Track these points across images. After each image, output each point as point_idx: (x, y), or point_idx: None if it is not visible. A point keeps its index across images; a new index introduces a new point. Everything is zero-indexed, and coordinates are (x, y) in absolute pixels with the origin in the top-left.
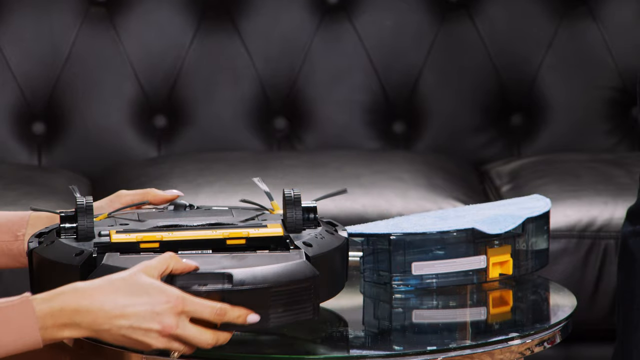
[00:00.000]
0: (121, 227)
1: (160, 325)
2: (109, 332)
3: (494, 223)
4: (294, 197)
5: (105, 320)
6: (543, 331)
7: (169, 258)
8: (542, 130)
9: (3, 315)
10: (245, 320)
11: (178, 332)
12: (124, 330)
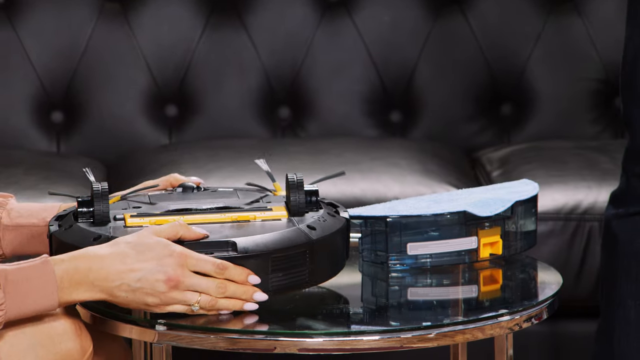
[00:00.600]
0: (134, 210)
1: (165, 275)
2: (120, 289)
3: (485, 206)
4: (297, 181)
5: (116, 277)
6: (531, 308)
7: (178, 226)
8: (530, 119)
9: (24, 273)
10: (246, 279)
11: (184, 280)
12: (134, 284)
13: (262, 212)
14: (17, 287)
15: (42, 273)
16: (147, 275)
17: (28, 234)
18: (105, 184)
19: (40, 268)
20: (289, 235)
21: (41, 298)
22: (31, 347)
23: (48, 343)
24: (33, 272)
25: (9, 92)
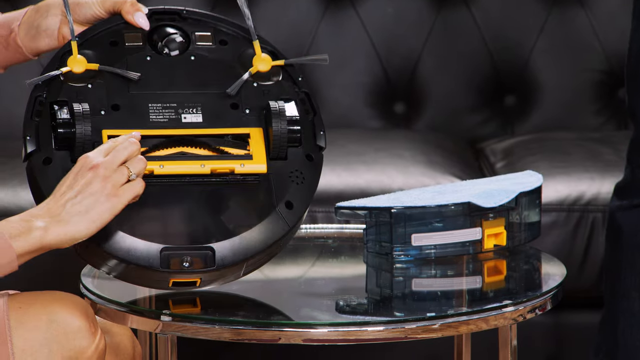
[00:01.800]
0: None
1: (90, 171)
2: (68, 213)
3: (489, 197)
4: (279, 109)
5: (56, 205)
6: (535, 299)
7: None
8: (534, 111)
9: None
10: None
11: (105, 160)
12: (76, 199)
13: (241, 162)
14: None
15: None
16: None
17: (2, 45)
18: (87, 105)
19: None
20: (267, 231)
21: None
22: (45, 343)
23: (62, 339)
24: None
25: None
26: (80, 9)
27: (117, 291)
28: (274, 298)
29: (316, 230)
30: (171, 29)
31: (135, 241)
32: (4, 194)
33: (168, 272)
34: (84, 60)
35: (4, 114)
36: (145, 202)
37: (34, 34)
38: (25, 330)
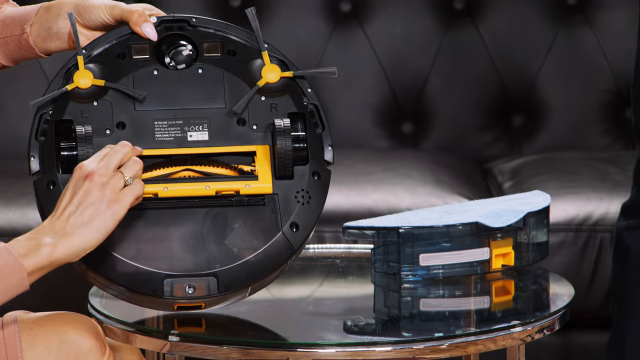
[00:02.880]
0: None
1: (86, 181)
2: (72, 226)
3: (497, 217)
4: (284, 127)
5: (59, 220)
6: (543, 319)
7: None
8: (541, 130)
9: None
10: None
11: (90, 168)
12: (77, 212)
13: (245, 182)
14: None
15: (3, 262)
16: (76, 195)
17: (15, 43)
18: (89, 128)
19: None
20: (272, 255)
21: (9, 277)
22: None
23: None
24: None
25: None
26: (88, 14)
27: (124, 311)
28: (282, 318)
29: (324, 250)
30: (179, 41)
31: (139, 268)
32: (12, 214)
33: (172, 299)
34: (90, 75)
35: (10, 133)
36: (149, 226)
37: (45, 35)
38: (37, 351)
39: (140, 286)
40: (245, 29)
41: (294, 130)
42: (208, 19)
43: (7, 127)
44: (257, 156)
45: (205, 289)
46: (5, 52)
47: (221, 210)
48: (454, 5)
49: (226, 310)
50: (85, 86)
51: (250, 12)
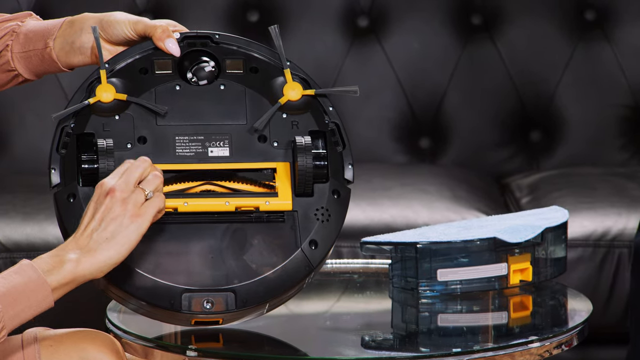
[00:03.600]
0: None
1: (107, 197)
2: (96, 242)
3: (515, 232)
4: (304, 144)
5: (82, 237)
6: (561, 334)
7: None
8: (559, 146)
9: (17, 289)
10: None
11: (111, 185)
12: (100, 227)
13: (265, 199)
14: (9, 298)
15: (27, 278)
16: (98, 211)
17: (38, 57)
18: (111, 141)
19: (23, 273)
20: (290, 271)
21: (35, 296)
22: None
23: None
24: (17, 279)
25: None
26: (112, 29)
27: (142, 326)
28: (300, 333)
29: (341, 265)
30: (202, 57)
31: (157, 282)
32: (30, 229)
33: (190, 314)
34: (112, 89)
35: (29, 148)
36: (168, 240)
37: (68, 50)
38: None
39: (159, 300)
40: (268, 46)
41: (314, 148)
42: (231, 35)
43: (26, 142)
44: (277, 173)
45: (223, 304)
46: (28, 65)
47: (240, 226)
48: (471, 20)
49: (244, 325)
50: (107, 100)
51: (274, 29)
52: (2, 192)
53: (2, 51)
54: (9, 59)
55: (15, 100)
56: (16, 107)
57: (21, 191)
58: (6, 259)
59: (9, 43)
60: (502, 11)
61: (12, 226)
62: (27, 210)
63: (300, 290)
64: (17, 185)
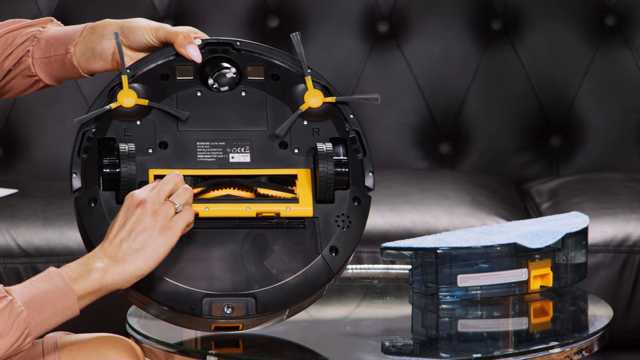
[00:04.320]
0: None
1: (138, 208)
2: (125, 252)
3: (535, 238)
4: (326, 151)
5: (111, 246)
6: (581, 340)
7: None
8: (579, 151)
9: (44, 296)
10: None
11: (141, 197)
12: (130, 238)
13: (286, 205)
14: (35, 305)
15: (54, 284)
16: (128, 222)
17: (58, 62)
18: (132, 145)
19: (50, 280)
20: (311, 278)
21: (61, 304)
22: None
23: None
24: (44, 285)
25: None
26: (133, 35)
27: (163, 331)
28: (320, 338)
29: (362, 270)
30: (223, 63)
31: (178, 287)
32: (51, 234)
33: (210, 318)
34: (134, 94)
35: (49, 154)
36: (189, 245)
37: (89, 55)
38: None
39: (179, 305)
40: (289, 54)
41: (336, 155)
42: (252, 42)
43: (47, 148)
44: (298, 179)
45: (244, 310)
46: (49, 71)
47: (261, 231)
48: (492, 25)
49: (264, 330)
50: (128, 105)
51: (295, 37)
52: (22, 197)
53: (23, 57)
54: (29, 64)
55: (36, 105)
56: (37, 113)
57: (42, 196)
58: (26, 264)
59: (30, 49)
60: (523, 16)
61: (33, 231)
62: (47, 215)
63: (321, 296)
64: (37, 190)
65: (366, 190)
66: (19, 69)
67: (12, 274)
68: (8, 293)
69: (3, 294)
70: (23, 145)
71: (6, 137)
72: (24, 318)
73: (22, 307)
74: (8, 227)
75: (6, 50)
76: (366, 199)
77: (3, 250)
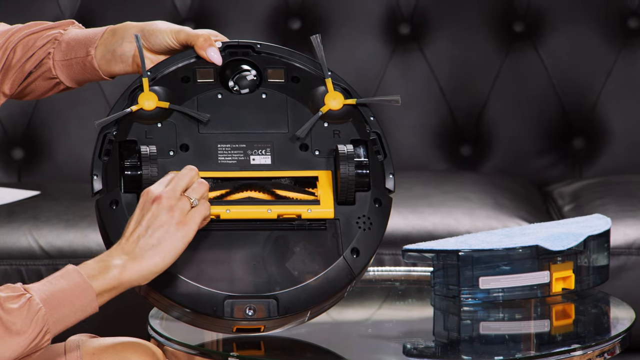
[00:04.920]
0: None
1: (153, 204)
2: (142, 249)
3: (557, 240)
4: (347, 152)
5: (128, 243)
6: (603, 342)
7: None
8: (602, 154)
9: (62, 293)
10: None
11: (158, 192)
12: (147, 234)
13: (307, 207)
14: (53, 302)
15: (73, 283)
16: (144, 217)
17: (79, 65)
18: (154, 147)
19: (69, 278)
20: (332, 279)
21: (80, 302)
22: None
23: None
24: (63, 283)
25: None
26: (153, 38)
27: (184, 334)
28: (342, 340)
29: (383, 272)
30: (244, 66)
31: (200, 289)
32: (73, 236)
33: (232, 320)
34: (154, 97)
35: (71, 155)
36: (210, 247)
37: (109, 58)
38: None
39: (201, 306)
40: (309, 56)
41: (357, 156)
42: (272, 45)
43: (69, 150)
44: (319, 181)
45: (265, 311)
46: (70, 73)
47: (283, 233)
48: (514, 27)
49: (285, 332)
50: (149, 108)
51: (316, 39)
52: (44, 199)
53: (44, 59)
54: (50, 66)
55: (58, 107)
56: (59, 115)
57: (64, 198)
58: (49, 265)
59: (50, 51)
60: (545, 18)
61: (55, 233)
62: (69, 217)
63: (342, 298)
64: (59, 192)
65: (387, 192)
66: (40, 71)
67: (34, 275)
68: (26, 291)
69: (21, 292)
70: (45, 147)
71: (28, 139)
72: (43, 315)
73: (41, 304)
74: (30, 228)
75: (27, 53)
76: (387, 201)
77: (25, 252)
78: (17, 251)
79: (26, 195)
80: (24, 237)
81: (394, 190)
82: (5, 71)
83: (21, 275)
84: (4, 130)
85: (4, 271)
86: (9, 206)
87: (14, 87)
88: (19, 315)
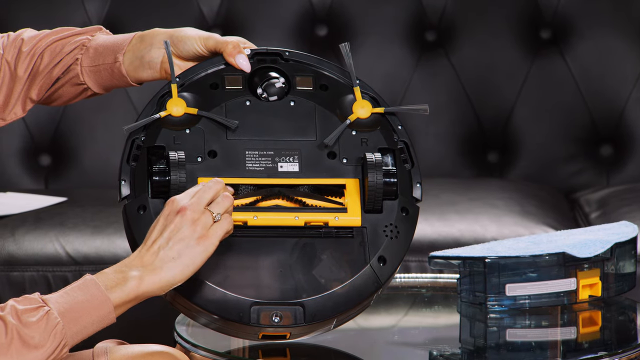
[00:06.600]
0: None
1: (177, 216)
2: (161, 260)
3: (584, 247)
4: (375, 161)
5: (148, 253)
6: (630, 350)
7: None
8: (629, 161)
9: (80, 306)
10: (220, 188)
11: (182, 203)
12: (167, 246)
13: (334, 214)
14: (72, 315)
15: (91, 294)
16: (165, 229)
17: (107, 71)
18: (182, 153)
19: (86, 288)
20: (359, 287)
21: (97, 311)
22: None
23: None
24: (82, 295)
25: None
26: (182, 45)
27: (210, 339)
28: (368, 347)
29: (410, 279)
30: (272, 73)
31: (226, 295)
32: (100, 242)
33: (258, 327)
34: (183, 103)
35: (99, 161)
36: (237, 254)
37: (137, 64)
38: None
39: (227, 313)
40: (337, 64)
41: (384, 165)
42: (301, 52)
43: (96, 155)
44: (346, 189)
45: (292, 318)
46: (98, 79)
47: (310, 240)
48: (540, 34)
49: (311, 339)
50: (178, 114)
51: (344, 47)
52: (71, 205)
53: (72, 65)
54: (78, 72)
55: (85, 113)
56: (86, 121)
57: (90, 204)
58: (75, 272)
59: (78, 57)
60: (572, 25)
61: (82, 239)
62: (96, 223)
63: (368, 306)
64: (86, 198)
65: (414, 201)
66: (67, 77)
67: (61, 281)
68: (45, 302)
69: (40, 304)
70: (72, 153)
71: (56, 146)
72: (61, 330)
73: (59, 318)
74: (57, 235)
75: (55, 58)
76: (414, 210)
77: (52, 258)
78: (44, 257)
79: (53, 201)
80: (50, 244)
81: (421, 199)
82: (32, 77)
83: (48, 282)
84: (31, 137)
85: (30, 277)
86: (36, 213)
87: (41, 93)
88: (37, 328)
